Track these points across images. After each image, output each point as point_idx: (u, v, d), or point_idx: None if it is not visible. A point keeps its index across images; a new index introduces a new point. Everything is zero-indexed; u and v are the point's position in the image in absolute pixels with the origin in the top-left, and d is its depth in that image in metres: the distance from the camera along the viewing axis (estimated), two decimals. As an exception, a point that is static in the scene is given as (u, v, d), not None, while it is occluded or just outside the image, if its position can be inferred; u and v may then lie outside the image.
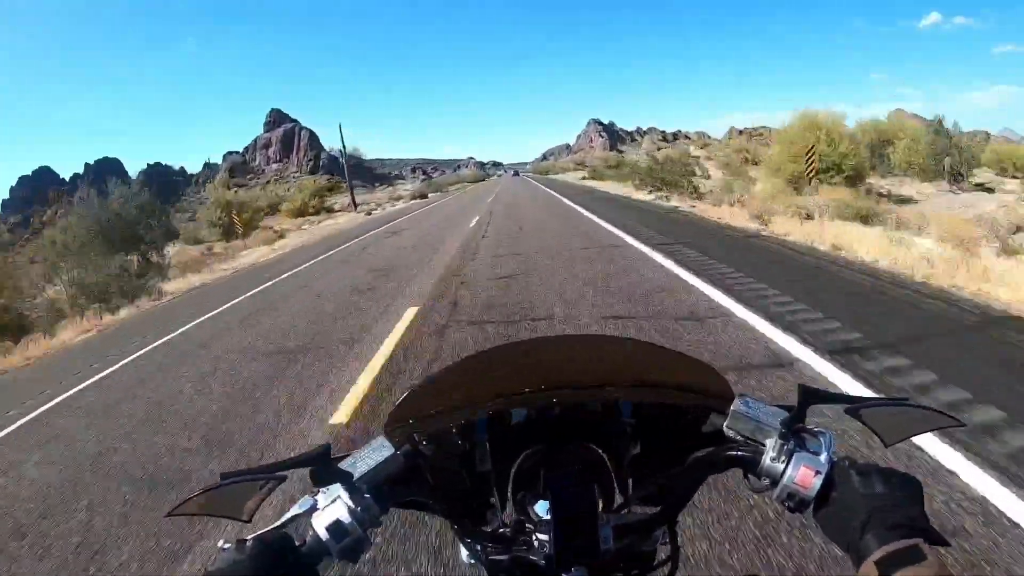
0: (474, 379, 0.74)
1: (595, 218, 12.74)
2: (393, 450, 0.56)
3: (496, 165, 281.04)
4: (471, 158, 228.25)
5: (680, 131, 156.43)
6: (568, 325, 4.64)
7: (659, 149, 73.50)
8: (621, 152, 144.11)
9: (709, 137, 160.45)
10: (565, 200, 20.63)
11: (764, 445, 0.53)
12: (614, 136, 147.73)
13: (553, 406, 0.63)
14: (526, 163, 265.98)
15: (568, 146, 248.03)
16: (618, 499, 0.63)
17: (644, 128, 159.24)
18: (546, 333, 4.39)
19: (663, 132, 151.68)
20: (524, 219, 14.93)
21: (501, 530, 0.60)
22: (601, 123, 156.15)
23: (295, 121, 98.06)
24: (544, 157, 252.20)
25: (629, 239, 8.81)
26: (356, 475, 0.53)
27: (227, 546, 0.46)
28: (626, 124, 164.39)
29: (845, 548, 0.46)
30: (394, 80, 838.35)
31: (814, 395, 0.51)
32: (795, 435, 0.52)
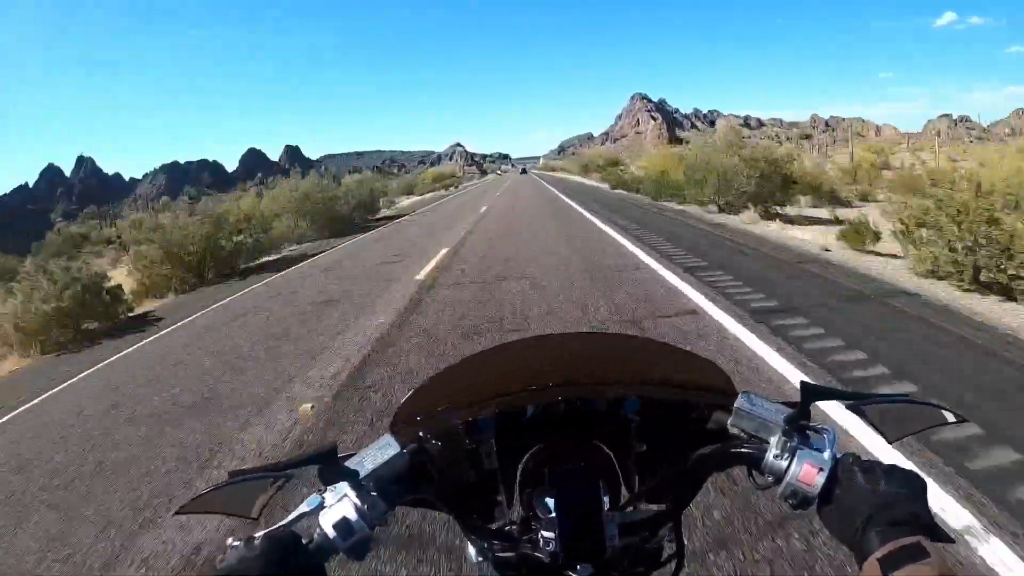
0: (480, 377, 0.73)
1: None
2: (399, 448, 0.56)
3: (503, 158, 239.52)
4: (457, 146, 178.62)
5: (751, 116, 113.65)
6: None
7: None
8: (681, 141, 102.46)
9: (792, 125, 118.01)
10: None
11: (768, 442, 0.53)
12: (668, 119, 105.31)
13: (559, 403, 0.63)
14: (538, 157, 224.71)
15: (591, 135, 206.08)
16: (624, 496, 0.63)
17: (703, 111, 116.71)
18: None
19: (743, 117, 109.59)
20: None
21: (507, 527, 0.60)
22: (649, 99, 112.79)
23: None
24: (561, 149, 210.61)
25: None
26: (362, 473, 0.52)
27: (236, 543, 0.46)
28: (674, 106, 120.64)
29: (849, 545, 0.46)
30: (383, 65, 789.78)
31: (816, 392, 0.51)
32: (798, 432, 0.52)
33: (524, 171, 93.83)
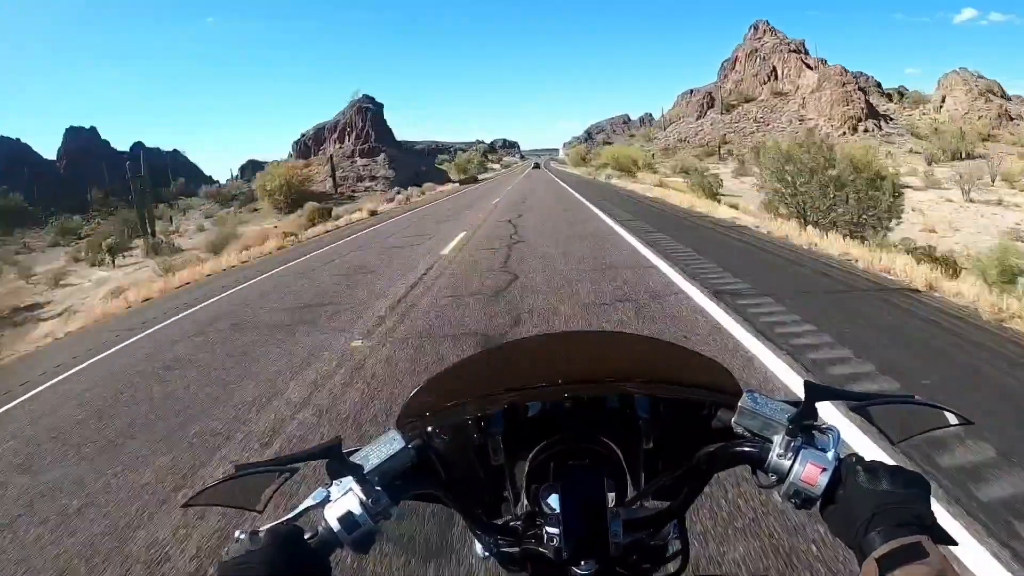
0: (488, 373, 0.74)
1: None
2: (404, 443, 0.57)
3: (509, 146, 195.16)
4: (363, 99, 61.39)
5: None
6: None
7: None
8: (884, 118, 59.03)
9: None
10: None
11: (771, 441, 0.53)
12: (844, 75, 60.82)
13: (566, 400, 0.63)
14: (556, 149, 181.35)
15: (627, 119, 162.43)
16: (631, 493, 0.64)
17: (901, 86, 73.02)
18: None
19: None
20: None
21: (512, 523, 0.61)
22: (783, 35, 64.66)
23: None
24: (588, 135, 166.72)
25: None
26: (367, 468, 0.53)
27: (241, 536, 0.47)
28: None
29: (850, 546, 0.46)
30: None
31: (820, 392, 0.52)
32: (803, 432, 0.52)
33: (537, 166, 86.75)
